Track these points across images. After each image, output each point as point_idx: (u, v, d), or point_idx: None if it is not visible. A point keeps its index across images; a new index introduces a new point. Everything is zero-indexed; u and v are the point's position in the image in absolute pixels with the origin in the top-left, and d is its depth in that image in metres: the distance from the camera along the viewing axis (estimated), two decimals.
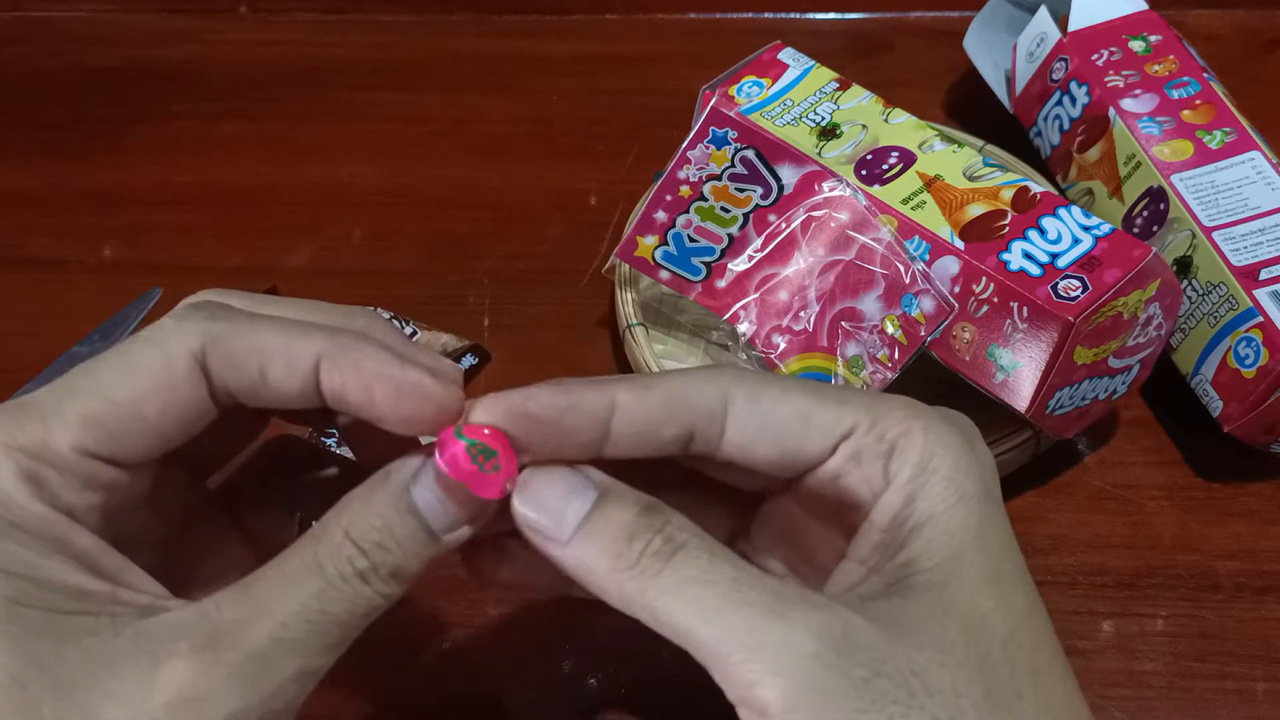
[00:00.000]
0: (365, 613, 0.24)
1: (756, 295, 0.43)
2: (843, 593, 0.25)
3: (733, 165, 0.44)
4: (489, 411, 0.25)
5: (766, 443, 0.26)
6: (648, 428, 0.25)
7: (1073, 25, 0.52)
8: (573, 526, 0.24)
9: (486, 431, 0.25)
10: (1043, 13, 0.54)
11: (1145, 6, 0.53)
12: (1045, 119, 0.53)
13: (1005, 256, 0.39)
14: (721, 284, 0.43)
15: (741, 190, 0.43)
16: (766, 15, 0.68)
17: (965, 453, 0.25)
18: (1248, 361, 0.42)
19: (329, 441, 0.43)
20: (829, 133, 0.44)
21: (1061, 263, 0.39)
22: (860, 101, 0.45)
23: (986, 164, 0.43)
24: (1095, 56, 0.51)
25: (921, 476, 0.25)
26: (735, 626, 0.23)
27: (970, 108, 0.60)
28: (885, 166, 0.43)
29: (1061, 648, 0.26)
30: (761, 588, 0.23)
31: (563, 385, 0.25)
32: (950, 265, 0.40)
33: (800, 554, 0.29)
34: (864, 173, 0.43)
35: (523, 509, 0.25)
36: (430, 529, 0.25)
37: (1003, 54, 0.58)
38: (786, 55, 0.47)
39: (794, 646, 0.22)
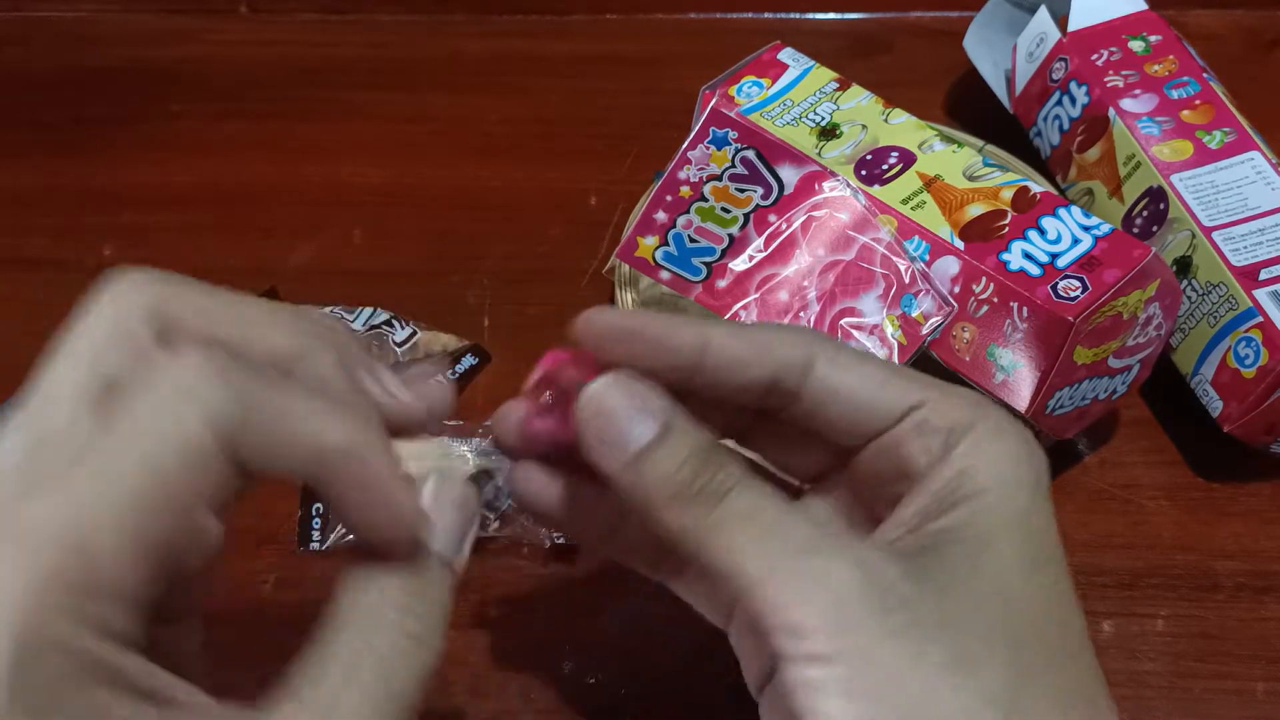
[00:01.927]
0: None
1: (757, 295, 0.43)
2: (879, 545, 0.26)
3: (733, 165, 0.44)
4: (597, 324, 0.26)
5: (840, 404, 0.27)
6: (736, 366, 0.27)
7: (1072, 25, 0.52)
8: (636, 447, 0.25)
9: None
10: (1042, 13, 0.54)
11: (1145, 6, 0.53)
12: (1045, 119, 0.53)
13: (1005, 256, 0.39)
14: (722, 284, 0.43)
15: (742, 190, 0.44)
16: (766, 15, 0.68)
17: (1022, 444, 0.27)
18: (1248, 361, 0.42)
19: None
20: (829, 133, 0.44)
21: (1061, 263, 0.39)
22: (860, 101, 0.45)
23: (986, 164, 0.43)
24: (1095, 56, 0.51)
25: (977, 456, 0.26)
26: (776, 557, 0.24)
27: (970, 108, 0.60)
28: (885, 166, 0.43)
29: (1091, 645, 0.26)
30: (805, 526, 0.25)
31: (666, 316, 0.27)
32: (950, 265, 0.40)
33: (844, 515, 0.30)
34: (864, 173, 0.43)
35: (590, 420, 0.26)
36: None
37: (1003, 54, 0.58)
38: (786, 55, 0.47)
39: (831, 575, 0.24)
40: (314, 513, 0.42)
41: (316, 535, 0.42)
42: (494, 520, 0.41)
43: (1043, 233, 0.40)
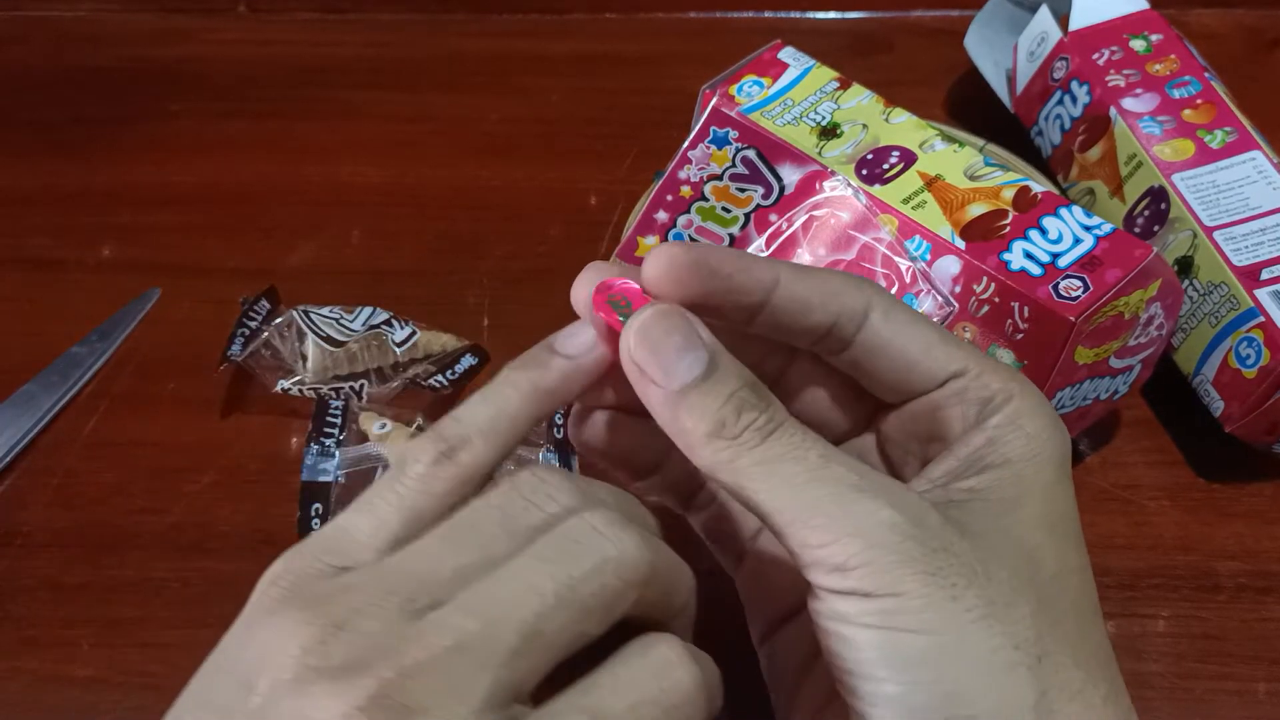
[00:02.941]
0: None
1: None
2: None
3: (734, 165, 0.43)
4: (671, 258, 0.27)
5: (889, 358, 0.28)
6: (801, 307, 0.27)
7: (1074, 24, 0.52)
8: (681, 380, 0.25)
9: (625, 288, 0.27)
10: (1044, 12, 0.54)
11: (1146, 6, 0.53)
12: (1046, 118, 0.53)
13: (1006, 256, 0.39)
14: None
15: (743, 190, 0.43)
16: (767, 14, 0.68)
17: (1053, 424, 0.27)
18: (1249, 361, 0.42)
19: None
20: (829, 132, 0.44)
21: (1063, 262, 0.39)
22: (861, 101, 0.45)
23: (987, 163, 0.43)
24: (1096, 56, 0.51)
25: (1009, 427, 0.27)
26: (819, 495, 0.24)
27: (971, 107, 0.60)
28: (886, 166, 0.43)
29: (1103, 617, 0.27)
30: (848, 467, 0.25)
31: (740, 252, 0.28)
32: (951, 265, 0.40)
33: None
34: (865, 172, 0.43)
35: (637, 349, 0.26)
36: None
37: (1004, 53, 0.57)
38: (787, 54, 0.47)
39: (873, 513, 0.24)
40: (313, 513, 0.42)
41: None
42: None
43: (1044, 232, 0.40)
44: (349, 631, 0.23)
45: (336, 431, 0.44)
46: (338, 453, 0.44)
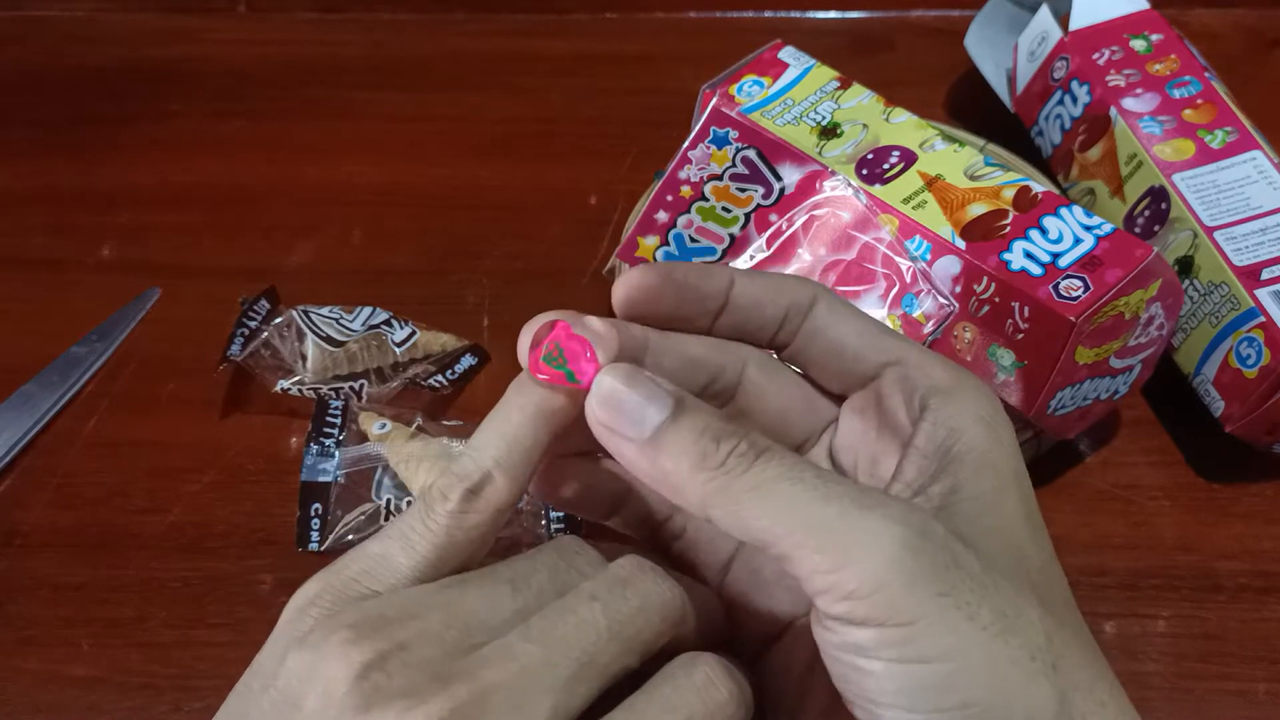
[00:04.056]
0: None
1: None
2: None
3: (734, 165, 0.43)
4: (641, 282, 0.29)
5: (828, 344, 0.29)
6: (755, 303, 0.29)
7: (1074, 24, 0.52)
8: (653, 427, 0.25)
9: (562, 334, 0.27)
10: (1044, 12, 0.54)
11: (1146, 5, 0.53)
12: (1046, 118, 0.53)
13: (1006, 256, 0.39)
14: None
15: (743, 190, 0.43)
16: (767, 14, 0.68)
17: (998, 409, 0.27)
18: (1249, 361, 0.42)
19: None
20: (830, 132, 0.44)
21: (1063, 262, 0.39)
22: (861, 100, 0.45)
23: (988, 163, 0.43)
24: (1096, 56, 0.51)
25: (963, 416, 0.27)
26: (823, 517, 0.24)
27: (971, 107, 0.60)
28: (886, 166, 0.43)
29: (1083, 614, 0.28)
30: (847, 485, 0.24)
31: (691, 264, 0.30)
32: (951, 265, 0.40)
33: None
34: (865, 172, 0.43)
35: (601, 410, 0.26)
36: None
37: (1004, 53, 0.57)
38: (787, 54, 0.47)
39: (882, 532, 0.23)
40: (313, 513, 0.42)
41: (315, 536, 0.42)
42: None
43: (1044, 232, 0.40)
44: (410, 655, 0.24)
45: (336, 431, 0.44)
46: (337, 453, 0.44)
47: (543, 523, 0.42)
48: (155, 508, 0.44)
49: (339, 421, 0.45)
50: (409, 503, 0.41)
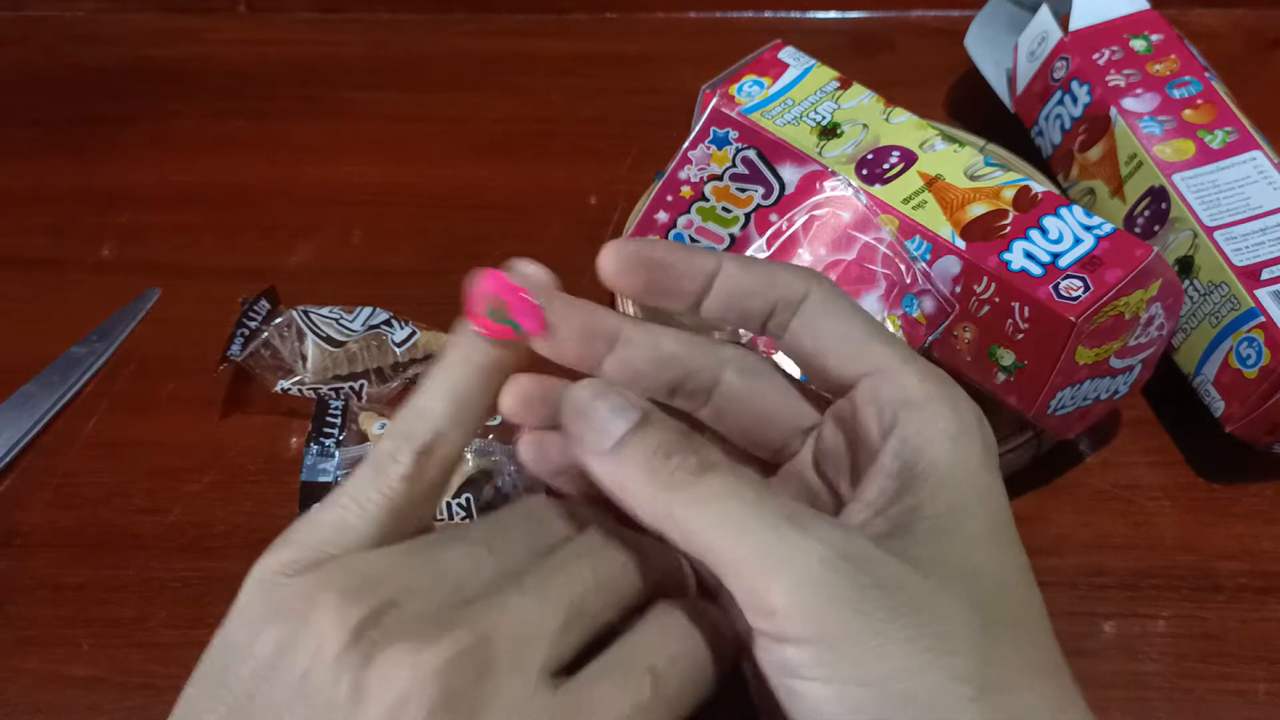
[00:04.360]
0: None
1: None
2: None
3: (734, 165, 0.43)
4: (616, 254, 0.29)
5: (814, 344, 0.29)
6: (744, 293, 0.29)
7: (1074, 24, 0.52)
8: (614, 439, 0.26)
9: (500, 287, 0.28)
10: (1044, 12, 0.54)
11: (1147, 5, 0.53)
12: (1046, 118, 0.53)
13: (1007, 256, 0.39)
14: None
15: (743, 190, 0.43)
16: (767, 14, 0.68)
17: (972, 423, 0.27)
18: (1249, 362, 0.42)
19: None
20: (830, 132, 0.44)
21: (1063, 262, 0.39)
22: (861, 100, 0.45)
23: (988, 163, 0.43)
24: (1096, 55, 0.51)
25: (928, 432, 0.26)
26: (752, 535, 0.24)
27: (971, 107, 0.60)
28: (886, 166, 0.43)
29: (1049, 618, 0.27)
30: (780, 504, 0.25)
31: (683, 244, 0.30)
32: (951, 265, 0.40)
33: (812, 499, 0.31)
34: (865, 172, 0.43)
35: (571, 422, 0.27)
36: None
37: (1004, 53, 0.57)
38: (787, 54, 0.47)
39: (805, 551, 0.24)
40: None
41: None
42: (485, 505, 0.42)
43: (1044, 232, 0.40)
44: (402, 611, 0.25)
45: (336, 431, 0.44)
46: (337, 453, 0.44)
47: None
48: (155, 508, 0.44)
49: (339, 422, 0.45)
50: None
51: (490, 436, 0.43)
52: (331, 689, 0.24)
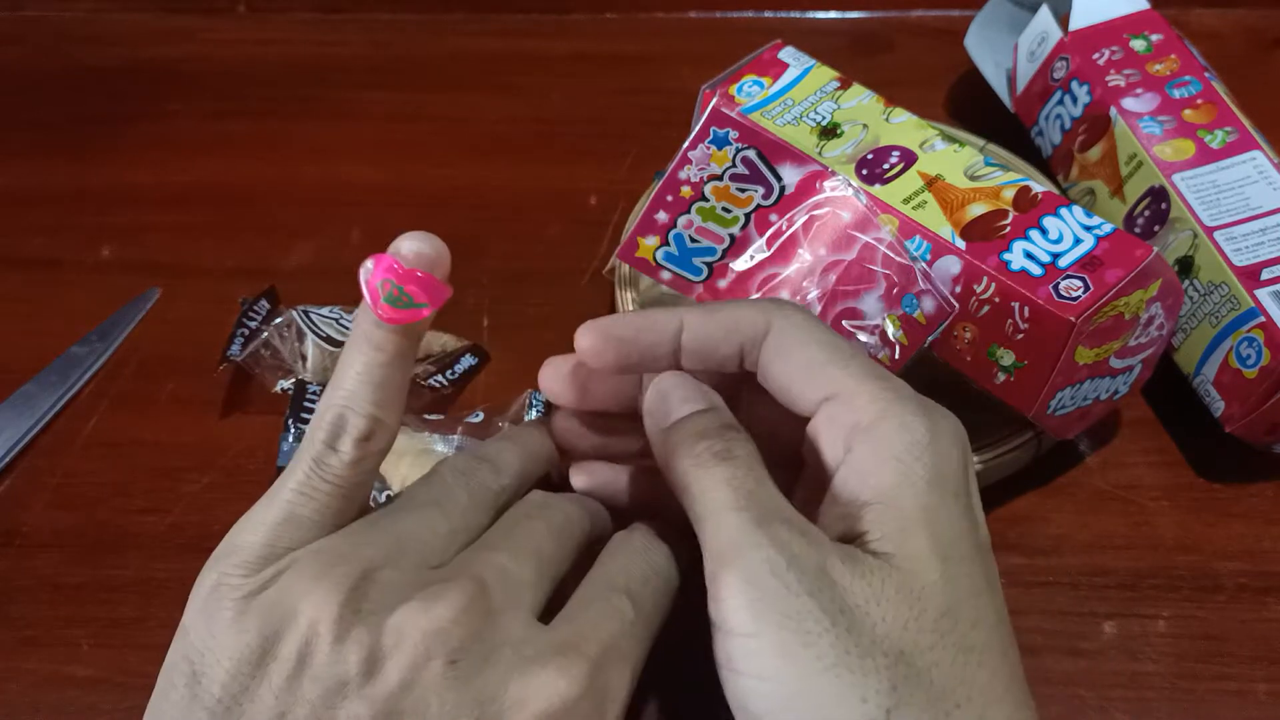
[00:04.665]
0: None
1: (758, 295, 0.43)
2: None
3: (734, 165, 0.43)
4: (588, 335, 0.31)
5: (780, 378, 0.30)
6: (708, 344, 0.31)
7: (1074, 24, 0.52)
8: (677, 417, 0.30)
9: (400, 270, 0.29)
10: (1044, 12, 0.54)
11: (1147, 5, 0.53)
12: (1046, 118, 0.53)
13: (1006, 256, 0.39)
14: (723, 284, 0.43)
15: (743, 190, 0.43)
16: (766, 14, 0.68)
17: (923, 440, 0.27)
18: (1249, 362, 0.42)
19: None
20: (830, 132, 0.44)
21: (1063, 262, 0.39)
22: (861, 101, 0.45)
23: (988, 163, 0.43)
24: (1096, 56, 0.51)
25: (874, 458, 0.27)
26: (727, 525, 0.27)
27: (971, 107, 0.60)
28: (886, 166, 0.43)
29: (1013, 637, 0.27)
30: (765, 503, 0.27)
31: (642, 310, 0.32)
32: (951, 265, 0.40)
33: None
34: (865, 172, 0.43)
35: (651, 399, 0.31)
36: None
37: (1004, 53, 0.57)
38: (787, 54, 0.47)
39: (757, 550, 0.26)
40: None
41: None
42: None
43: (1044, 232, 0.40)
44: (381, 580, 0.26)
45: None
46: None
47: None
48: (155, 508, 0.44)
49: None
50: (389, 496, 0.41)
51: (460, 431, 0.43)
52: (340, 666, 0.24)
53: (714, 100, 0.44)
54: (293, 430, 0.44)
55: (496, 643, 0.26)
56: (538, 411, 0.45)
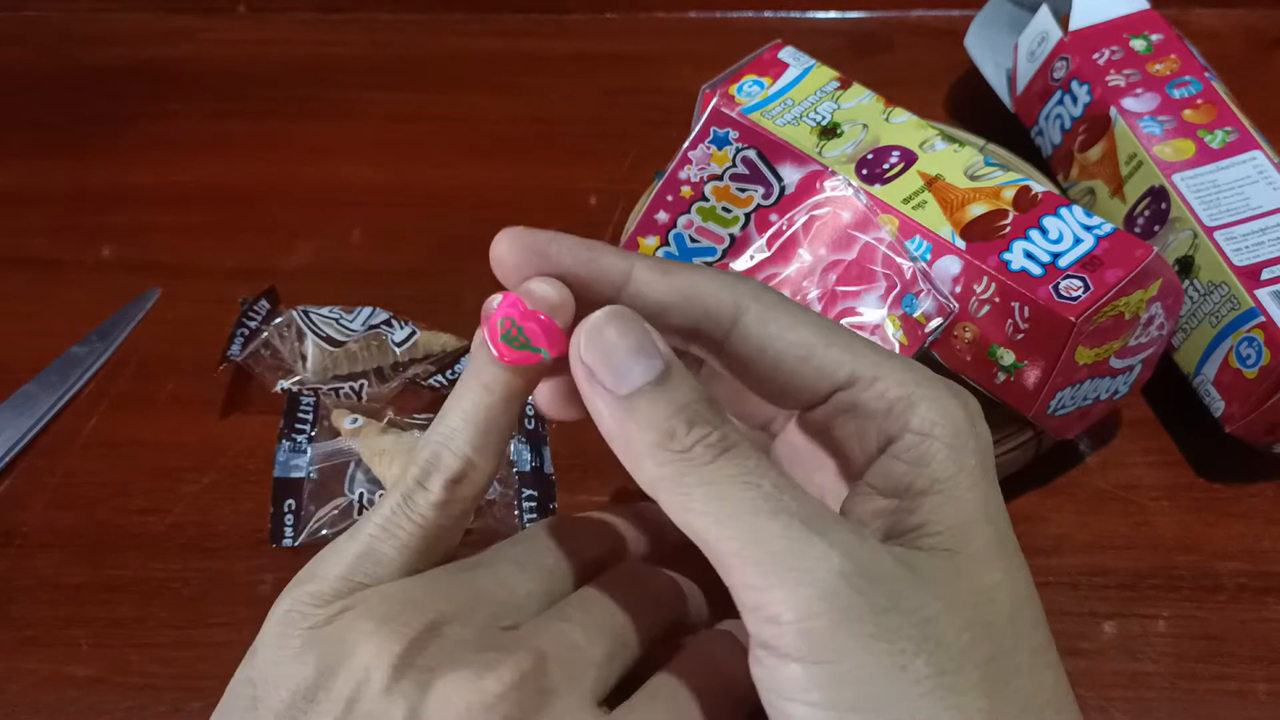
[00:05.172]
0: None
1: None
2: None
3: (734, 165, 0.43)
4: (509, 243, 0.25)
5: (763, 366, 0.25)
6: (654, 309, 0.25)
7: (1074, 24, 0.52)
8: (632, 385, 0.23)
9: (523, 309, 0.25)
10: (1044, 12, 0.54)
11: (1147, 5, 0.53)
12: (1046, 118, 0.53)
13: (1006, 256, 0.39)
14: None
15: (743, 190, 0.43)
16: (766, 14, 0.68)
17: (966, 425, 0.25)
18: (1249, 361, 0.42)
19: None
20: (830, 132, 0.44)
21: (1063, 262, 0.39)
22: (861, 100, 0.45)
23: (988, 163, 0.43)
24: (1096, 55, 0.51)
25: (924, 444, 0.24)
26: (766, 530, 0.22)
27: (971, 107, 0.60)
28: (886, 166, 0.43)
29: (1051, 635, 0.26)
30: (802, 502, 0.23)
31: (589, 242, 0.25)
32: (951, 265, 0.40)
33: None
34: (865, 172, 0.43)
35: (587, 349, 0.24)
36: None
37: (1004, 53, 0.57)
38: (787, 54, 0.47)
39: (823, 560, 0.22)
40: (286, 509, 0.42)
41: (289, 532, 0.42)
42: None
43: (1044, 232, 0.40)
44: (446, 635, 0.24)
45: (308, 427, 0.44)
46: (310, 448, 0.44)
47: (515, 513, 0.42)
48: (155, 508, 0.44)
49: (310, 417, 0.45)
50: (382, 496, 0.42)
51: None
52: (384, 718, 0.23)
53: (714, 100, 0.44)
54: (286, 441, 0.44)
55: None
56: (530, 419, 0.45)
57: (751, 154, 0.43)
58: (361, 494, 0.43)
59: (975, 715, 0.22)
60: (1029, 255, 0.39)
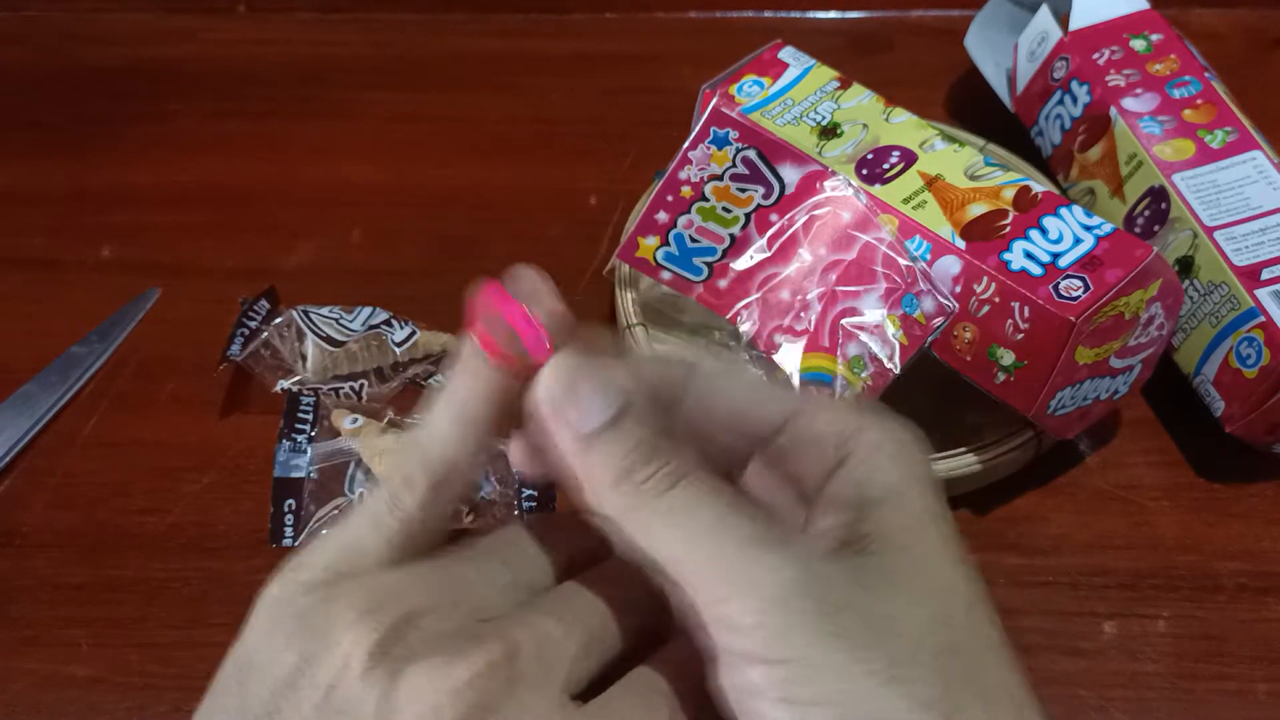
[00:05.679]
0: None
1: (759, 295, 0.43)
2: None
3: (734, 165, 0.43)
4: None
5: (726, 407, 0.28)
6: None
7: (1074, 24, 0.52)
8: (591, 425, 0.25)
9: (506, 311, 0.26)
10: (1044, 12, 0.54)
11: (1147, 5, 0.53)
12: (1046, 118, 0.53)
13: (1006, 256, 0.39)
14: (723, 284, 0.43)
15: (743, 190, 0.43)
16: (766, 14, 0.68)
17: (911, 444, 0.27)
18: (1249, 361, 0.42)
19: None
20: (830, 132, 0.44)
21: (1063, 262, 0.39)
22: (861, 100, 0.45)
23: (988, 163, 0.43)
24: (1096, 55, 0.51)
25: (875, 458, 0.26)
26: (722, 548, 0.24)
27: (971, 107, 0.60)
28: (886, 166, 0.43)
29: (1005, 635, 0.27)
30: (750, 519, 0.25)
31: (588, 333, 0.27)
32: (951, 265, 0.40)
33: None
34: (865, 172, 0.43)
35: (553, 390, 0.26)
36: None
37: (1004, 53, 0.57)
38: (787, 54, 0.47)
39: (772, 569, 0.24)
40: (286, 509, 0.42)
41: (289, 532, 0.42)
42: (467, 513, 0.42)
43: (1044, 232, 0.40)
44: (424, 624, 0.25)
45: (308, 428, 0.44)
46: (310, 449, 0.44)
47: (515, 513, 0.42)
48: (155, 508, 0.44)
49: (310, 417, 0.45)
50: (372, 491, 0.42)
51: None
52: (359, 704, 0.24)
53: (714, 100, 0.44)
54: (287, 441, 0.44)
55: (510, 714, 0.24)
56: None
57: (751, 154, 0.43)
58: (361, 493, 0.43)
59: (932, 701, 0.23)
60: (1029, 255, 0.39)
